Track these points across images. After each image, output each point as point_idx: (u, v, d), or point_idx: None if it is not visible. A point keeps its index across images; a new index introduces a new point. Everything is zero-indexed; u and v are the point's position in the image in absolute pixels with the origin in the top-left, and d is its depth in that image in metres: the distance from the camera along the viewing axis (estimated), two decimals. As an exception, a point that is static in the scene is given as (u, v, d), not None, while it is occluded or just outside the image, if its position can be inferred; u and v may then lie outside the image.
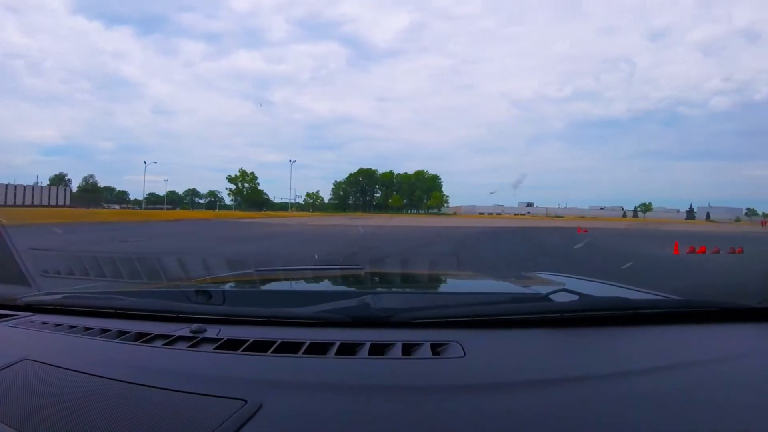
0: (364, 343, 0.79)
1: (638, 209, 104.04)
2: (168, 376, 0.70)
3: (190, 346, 0.81)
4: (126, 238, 12.55)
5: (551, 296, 1.01)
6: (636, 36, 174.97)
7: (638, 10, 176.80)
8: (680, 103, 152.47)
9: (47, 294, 1.27)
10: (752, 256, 11.15)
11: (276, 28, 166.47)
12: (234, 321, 0.94)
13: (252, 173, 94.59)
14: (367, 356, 0.76)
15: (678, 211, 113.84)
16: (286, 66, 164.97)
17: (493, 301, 1.10)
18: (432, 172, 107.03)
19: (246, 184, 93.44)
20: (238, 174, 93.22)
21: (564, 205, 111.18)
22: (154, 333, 0.87)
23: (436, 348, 0.77)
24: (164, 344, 0.83)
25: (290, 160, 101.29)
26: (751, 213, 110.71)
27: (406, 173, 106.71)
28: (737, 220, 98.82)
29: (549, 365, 0.75)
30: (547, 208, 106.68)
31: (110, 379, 0.69)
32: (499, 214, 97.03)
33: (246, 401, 0.59)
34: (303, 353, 0.76)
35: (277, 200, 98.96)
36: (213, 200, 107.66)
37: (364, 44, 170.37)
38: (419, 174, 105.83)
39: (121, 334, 0.89)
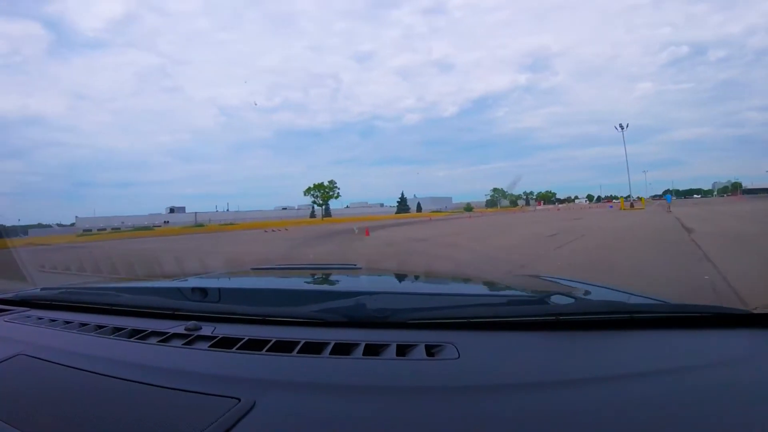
0: (358, 344, 0.79)
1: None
2: (162, 373, 0.69)
3: (184, 344, 0.81)
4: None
5: (547, 299, 1.01)
6: (344, 57, 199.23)
7: (347, 34, 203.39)
8: (377, 117, 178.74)
9: (43, 289, 1.27)
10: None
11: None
12: (229, 319, 0.94)
13: None
14: (361, 356, 0.76)
15: (382, 205, 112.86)
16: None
17: (488, 303, 1.10)
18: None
19: None
20: None
21: (225, 209, 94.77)
22: (150, 330, 0.87)
23: (431, 349, 0.77)
24: (159, 341, 0.83)
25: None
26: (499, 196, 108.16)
27: None
28: (468, 208, 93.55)
29: (544, 368, 0.74)
30: (195, 213, 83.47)
31: (104, 375, 0.69)
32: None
33: (239, 400, 0.59)
34: (297, 352, 0.76)
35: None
36: None
37: (69, 30, 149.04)
38: None
39: (116, 330, 0.89)
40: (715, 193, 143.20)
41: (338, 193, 78.65)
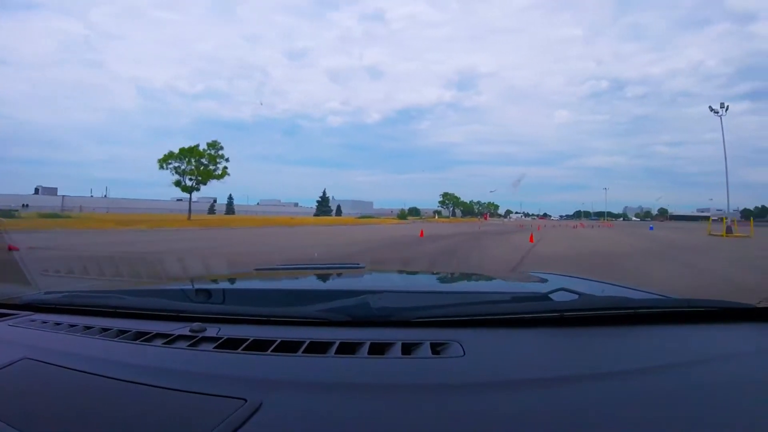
0: (363, 343, 0.79)
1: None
2: (167, 375, 0.69)
3: (189, 345, 0.81)
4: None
5: (551, 296, 1.01)
6: (277, 51, 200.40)
7: (285, 28, 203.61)
8: (301, 116, 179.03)
9: (47, 293, 1.27)
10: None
11: None
12: (234, 320, 0.94)
13: None
14: (366, 355, 0.76)
15: (296, 204, 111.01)
16: None
17: (493, 300, 1.10)
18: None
19: None
20: None
21: (103, 195, 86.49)
22: (154, 332, 0.87)
23: (436, 347, 0.77)
24: (164, 343, 0.83)
25: None
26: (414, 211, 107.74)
27: None
28: (403, 215, 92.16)
29: (549, 364, 0.74)
30: (63, 197, 71.89)
31: (109, 378, 0.69)
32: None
33: (246, 400, 0.59)
34: (303, 352, 0.76)
35: None
36: None
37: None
38: None
39: (121, 333, 0.89)
40: (633, 217, 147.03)
41: (225, 167, 41.64)
